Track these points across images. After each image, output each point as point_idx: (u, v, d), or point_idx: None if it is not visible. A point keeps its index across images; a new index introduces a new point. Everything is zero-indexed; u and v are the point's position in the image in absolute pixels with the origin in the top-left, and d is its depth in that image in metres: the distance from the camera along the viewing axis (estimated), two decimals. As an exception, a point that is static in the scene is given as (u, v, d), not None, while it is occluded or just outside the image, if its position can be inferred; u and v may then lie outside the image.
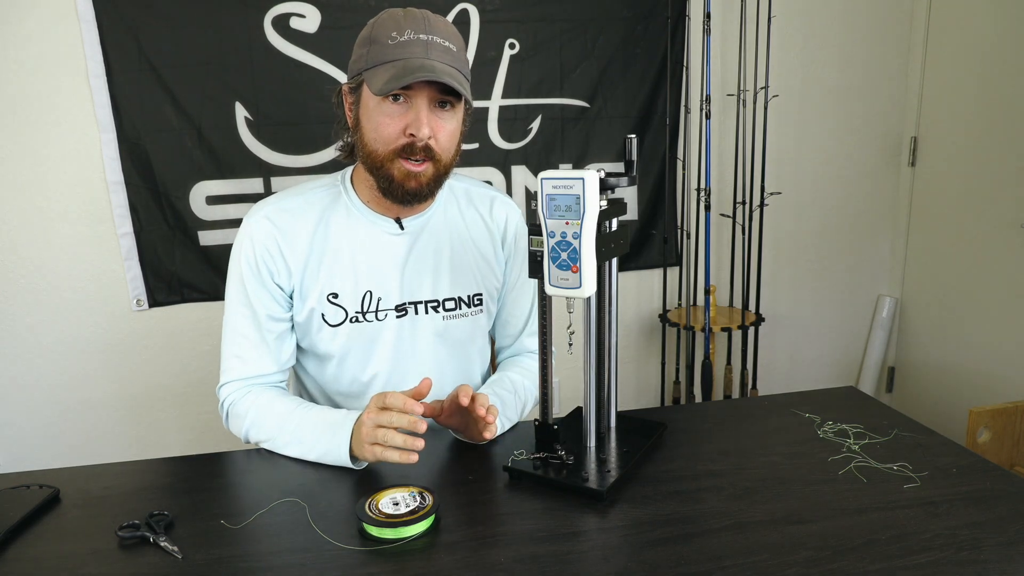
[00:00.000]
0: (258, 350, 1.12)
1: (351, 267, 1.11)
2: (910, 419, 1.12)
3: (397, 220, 1.14)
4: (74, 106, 2.02)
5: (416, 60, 0.98)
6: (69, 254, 2.12)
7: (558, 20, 2.27)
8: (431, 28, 1.00)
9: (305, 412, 1.06)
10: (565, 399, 2.56)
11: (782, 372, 2.77)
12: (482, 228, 1.21)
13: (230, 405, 1.12)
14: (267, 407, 1.08)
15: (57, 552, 0.83)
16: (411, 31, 0.99)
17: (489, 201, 1.24)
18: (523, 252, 1.25)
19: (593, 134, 2.38)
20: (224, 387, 1.13)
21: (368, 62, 1.00)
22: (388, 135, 1.02)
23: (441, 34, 1.01)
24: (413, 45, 0.98)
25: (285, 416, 1.06)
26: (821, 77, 2.52)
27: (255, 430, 1.08)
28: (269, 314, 1.11)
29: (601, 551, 0.80)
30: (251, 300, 1.10)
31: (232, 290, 1.12)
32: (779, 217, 2.56)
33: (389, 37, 0.99)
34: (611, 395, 1.05)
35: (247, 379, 1.12)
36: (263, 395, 1.10)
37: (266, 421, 1.07)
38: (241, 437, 1.12)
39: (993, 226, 2.29)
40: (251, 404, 1.09)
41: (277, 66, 2.10)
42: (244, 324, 1.11)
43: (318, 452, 1.01)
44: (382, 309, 1.13)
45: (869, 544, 0.79)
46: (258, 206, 1.12)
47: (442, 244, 1.17)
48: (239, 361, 1.12)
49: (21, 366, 2.16)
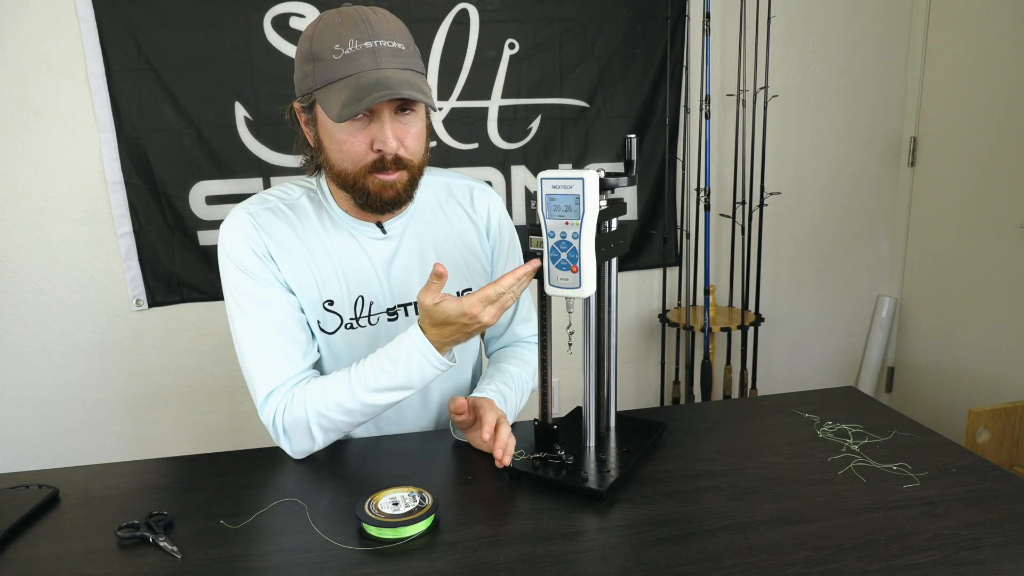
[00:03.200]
0: (285, 349, 1.04)
1: (340, 274, 1.09)
2: (909, 419, 1.12)
3: (378, 224, 1.11)
4: (74, 106, 2.02)
5: (368, 75, 0.92)
6: (69, 254, 2.12)
7: (558, 20, 2.27)
8: (373, 31, 0.93)
9: (364, 361, 1.00)
10: (565, 399, 2.56)
11: (781, 372, 2.77)
12: (465, 220, 1.19)
13: (282, 416, 1.01)
14: (323, 394, 1.00)
15: (56, 552, 0.83)
16: (354, 40, 0.92)
17: (468, 192, 1.21)
18: (507, 240, 1.24)
19: (593, 134, 2.38)
20: (268, 399, 1.02)
21: (316, 81, 0.94)
22: (355, 154, 0.98)
23: (386, 35, 0.94)
24: (360, 56, 0.92)
25: (348, 384, 0.99)
26: (821, 77, 2.52)
27: (325, 420, 1.00)
28: (283, 305, 1.05)
29: (600, 551, 0.80)
30: (260, 292, 1.03)
31: (238, 295, 1.04)
32: (779, 217, 2.56)
33: (332, 51, 0.92)
34: (611, 395, 1.05)
35: (285, 384, 1.03)
36: (311, 385, 1.02)
37: (337, 402, 0.99)
38: (311, 446, 1.02)
39: (993, 226, 2.29)
40: (305, 400, 1.00)
41: (277, 66, 2.10)
42: (261, 325, 1.04)
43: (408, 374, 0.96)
44: (374, 313, 1.12)
45: (868, 544, 0.79)
46: (235, 210, 1.06)
47: (426, 243, 1.15)
48: (271, 366, 1.03)
49: (21, 366, 2.16)
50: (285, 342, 1.04)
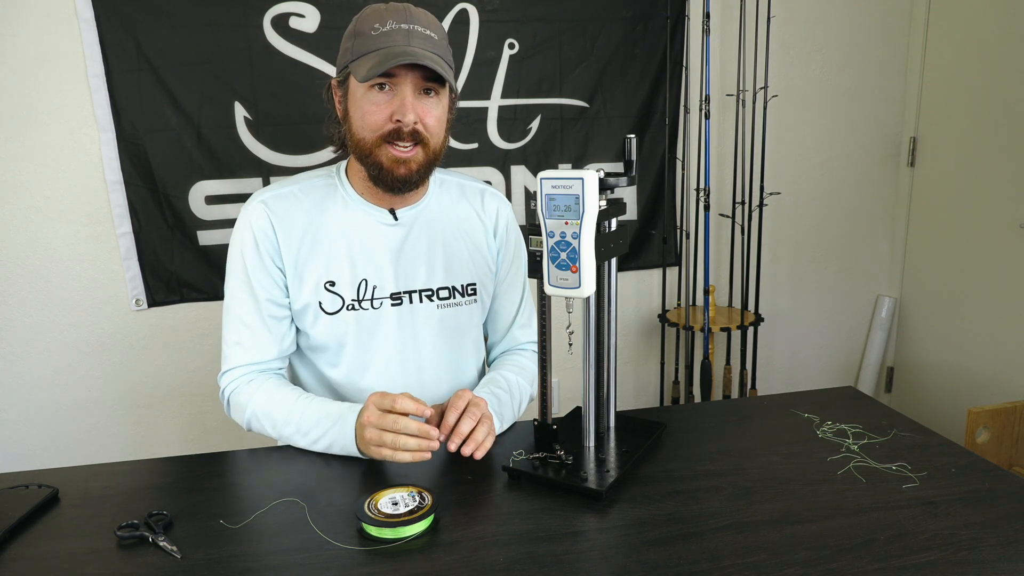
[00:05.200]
0: (259, 337, 1.12)
1: (347, 256, 1.13)
2: (909, 419, 1.12)
3: (391, 211, 1.15)
4: (73, 106, 2.02)
5: (398, 47, 1.00)
6: (68, 254, 2.12)
7: (557, 20, 2.27)
8: (412, 18, 1.03)
9: (308, 403, 1.06)
10: (564, 399, 2.56)
11: (781, 372, 2.77)
12: (475, 219, 1.23)
13: (231, 393, 1.13)
14: (268, 397, 1.09)
15: (56, 552, 0.83)
16: (393, 21, 1.01)
17: (480, 194, 1.26)
18: (514, 243, 1.28)
19: (592, 134, 2.38)
20: (225, 375, 1.14)
21: (353, 54, 1.03)
22: (375, 122, 1.04)
23: (422, 23, 1.03)
24: (395, 34, 1.01)
25: (288, 407, 1.07)
26: (820, 77, 2.52)
27: (256, 421, 1.09)
28: (270, 298, 1.12)
29: (600, 551, 0.80)
30: (252, 284, 1.11)
31: (232, 276, 1.13)
32: (778, 217, 2.56)
33: (372, 28, 1.02)
34: (610, 395, 1.05)
35: (247, 366, 1.13)
36: (264, 384, 1.11)
37: (268, 412, 1.08)
38: (243, 426, 1.13)
39: (992, 226, 2.29)
40: (252, 393, 1.10)
41: (276, 66, 2.09)
42: (244, 310, 1.12)
43: (324, 443, 1.02)
44: (378, 297, 1.15)
45: (868, 544, 0.79)
46: (254, 195, 1.14)
47: (435, 234, 1.18)
48: (240, 348, 1.12)
49: (20, 365, 2.16)
50: (261, 332, 1.12)
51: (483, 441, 0.99)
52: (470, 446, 0.98)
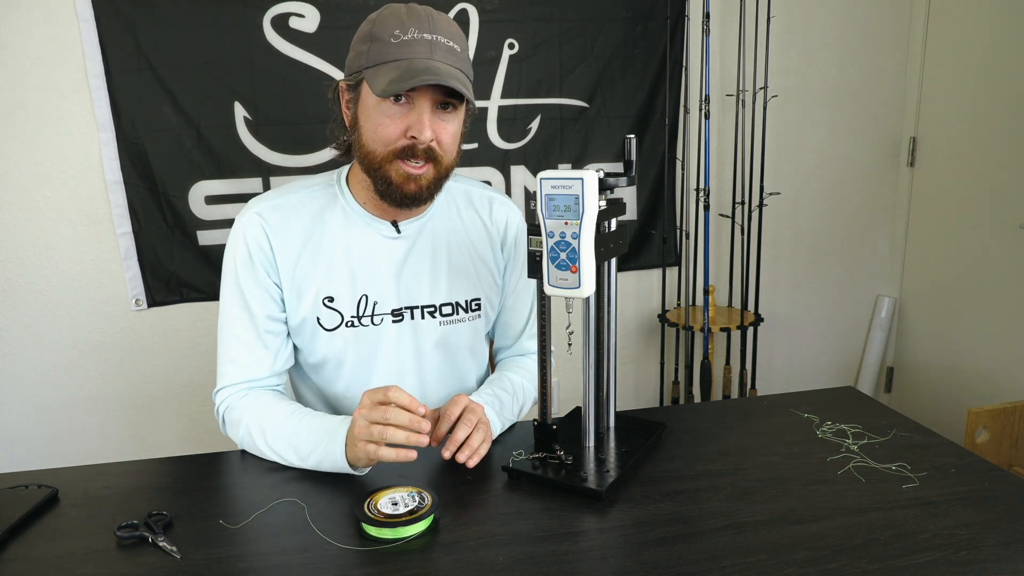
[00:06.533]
0: (254, 353, 1.08)
1: (347, 270, 1.09)
2: (909, 419, 1.12)
3: (394, 223, 1.11)
4: (73, 105, 2.02)
5: (420, 61, 0.95)
6: (68, 254, 2.12)
7: (557, 20, 2.27)
8: (435, 27, 0.97)
9: (300, 419, 1.02)
10: (564, 399, 2.56)
11: (781, 372, 2.77)
12: (481, 231, 1.19)
13: (225, 411, 1.09)
14: (261, 415, 1.04)
15: (55, 552, 0.83)
16: (415, 30, 0.95)
17: (488, 203, 1.21)
18: (523, 255, 1.23)
19: (592, 134, 2.38)
20: (220, 392, 1.10)
21: (369, 60, 0.97)
22: (388, 136, 0.99)
23: (445, 34, 0.98)
24: (417, 45, 0.95)
25: (280, 424, 1.02)
26: (820, 77, 2.52)
27: (249, 438, 1.04)
28: (266, 313, 1.08)
29: (600, 551, 0.80)
30: (247, 298, 1.07)
31: (227, 292, 1.09)
32: (778, 217, 2.56)
33: (392, 35, 0.95)
34: (610, 395, 1.05)
35: (242, 383, 1.09)
36: (257, 401, 1.07)
37: (261, 427, 1.03)
38: (238, 444, 1.08)
39: (992, 226, 2.29)
40: (245, 410, 1.06)
41: (276, 66, 2.09)
42: (240, 326, 1.08)
43: (314, 460, 0.97)
44: (378, 314, 1.11)
45: (868, 544, 0.79)
46: (250, 204, 1.09)
47: (440, 248, 1.14)
48: (234, 366, 1.08)
49: (20, 365, 2.15)
50: (256, 347, 1.09)
51: (478, 448, 0.98)
52: (465, 452, 0.97)
